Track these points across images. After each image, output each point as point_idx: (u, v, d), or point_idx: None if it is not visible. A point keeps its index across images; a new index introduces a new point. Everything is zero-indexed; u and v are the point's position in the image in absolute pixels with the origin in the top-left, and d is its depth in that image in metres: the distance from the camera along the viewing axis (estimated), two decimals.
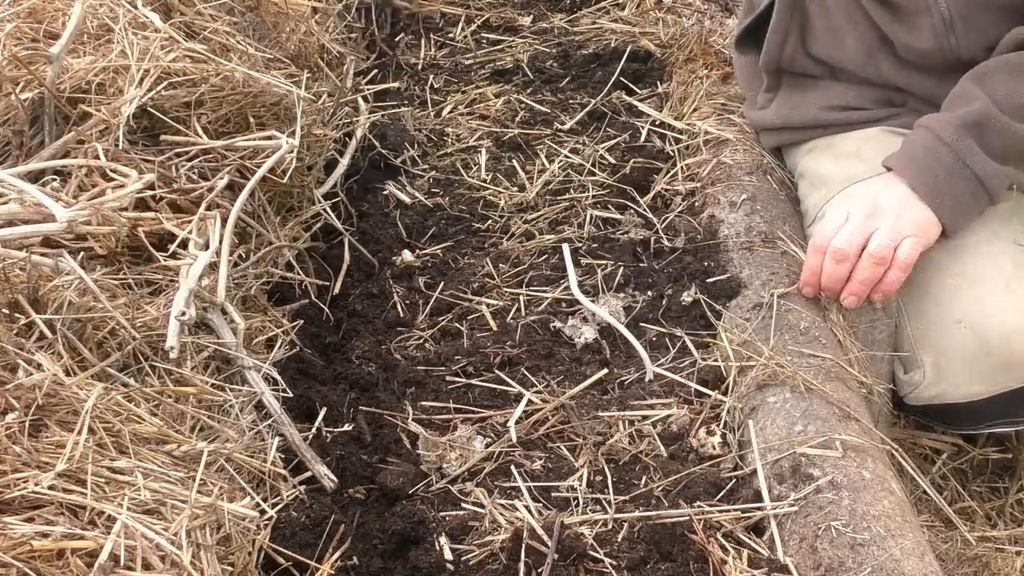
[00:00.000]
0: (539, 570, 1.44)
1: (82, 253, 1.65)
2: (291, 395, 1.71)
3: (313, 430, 1.67)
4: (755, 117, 2.27)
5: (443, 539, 1.51)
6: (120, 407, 1.45)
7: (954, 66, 1.93)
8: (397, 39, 3.13)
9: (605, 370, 1.81)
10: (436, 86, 2.85)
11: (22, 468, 1.30)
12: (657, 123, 2.47)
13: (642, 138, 2.44)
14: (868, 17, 1.98)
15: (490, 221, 2.29)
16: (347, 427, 1.71)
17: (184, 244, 1.76)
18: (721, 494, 1.57)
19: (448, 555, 1.49)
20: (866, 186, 1.86)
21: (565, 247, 2.06)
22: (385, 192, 2.38)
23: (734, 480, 1.60)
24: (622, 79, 2.69)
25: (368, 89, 2.77)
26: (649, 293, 1.99)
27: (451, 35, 3.11)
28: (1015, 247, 1.84)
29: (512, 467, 1.64)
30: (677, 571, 1.46)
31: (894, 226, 1.78)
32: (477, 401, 1.79)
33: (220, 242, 1.77)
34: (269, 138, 2.01)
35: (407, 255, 2.19)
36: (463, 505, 1.59)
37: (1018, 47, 1.84)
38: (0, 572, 1.18)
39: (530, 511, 1.54)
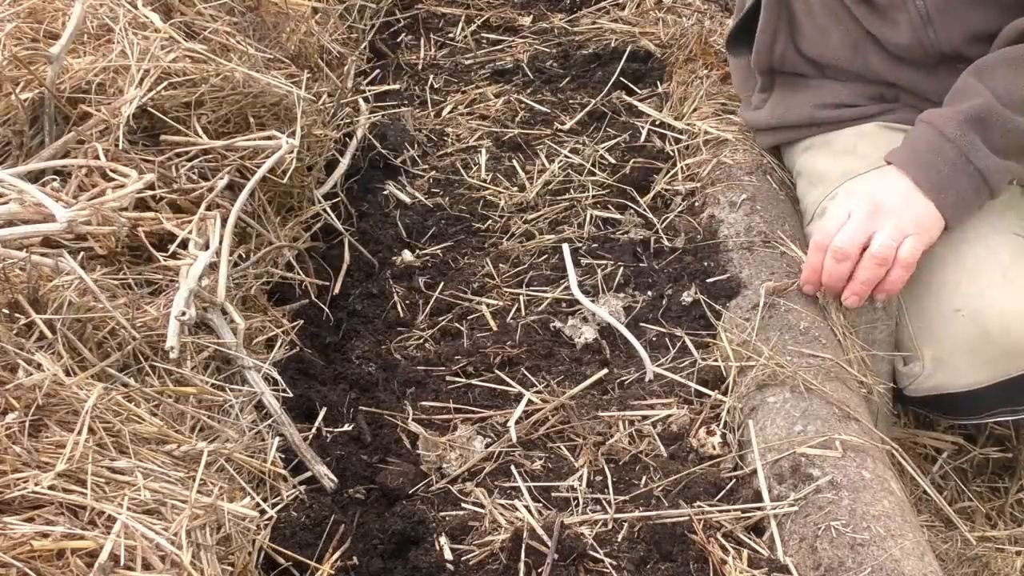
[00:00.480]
0: (539, 570, 1.44)
1: (82, 253, 1.65)
2: (291, 395, 1.71)
3: (313, 430, 1.67)
4: (750, 118, 2.27)
5: (443, 539, 1.51)
6: (120, 407, 1.45)
7: (939, 59, 1.94)
8: (397, 39, 3.14)
9: (605, 370, 1.81)
10: (436, 86, 2.85)
11: (22, 468, 1.30)
12: (657, 123, 2.47)
13: (642, 138, 2.44)
14: (851, 15, 1.99)
15: (490, 221, 2.29)
16: (347, 427, 1.71)
17: (184, 244, 1.76)
18: (721, 494, 1.57)
19: (448, 555, 1.49)
20: (867, 181, 1.86)
21: (565, 247, 2.06)
22: (385, 192, 2.38)
23: (734, 480, 1.60)
24: (622, 79, 2.69)
25: (368, 89, 2.78)
26: (649, 293, 1.99)
27: (451, 35, 3.11)
28: (1013, 238, 1.85)
29: (512, 467, 1.64)
30: (677, 571, 1.46)
31: (897, 224, 1.78)
32: (477, 401, 1.79)
33: (220, 242, 1.77)
34: (269, 138, 2.01)
35: (407, 255, 2.19)
36: (463, 505, 1.59)
37: (1019, 38, 1.84)
38: (0, 572, 1.18)
39: (530, 511, 1.54)
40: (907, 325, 1.88)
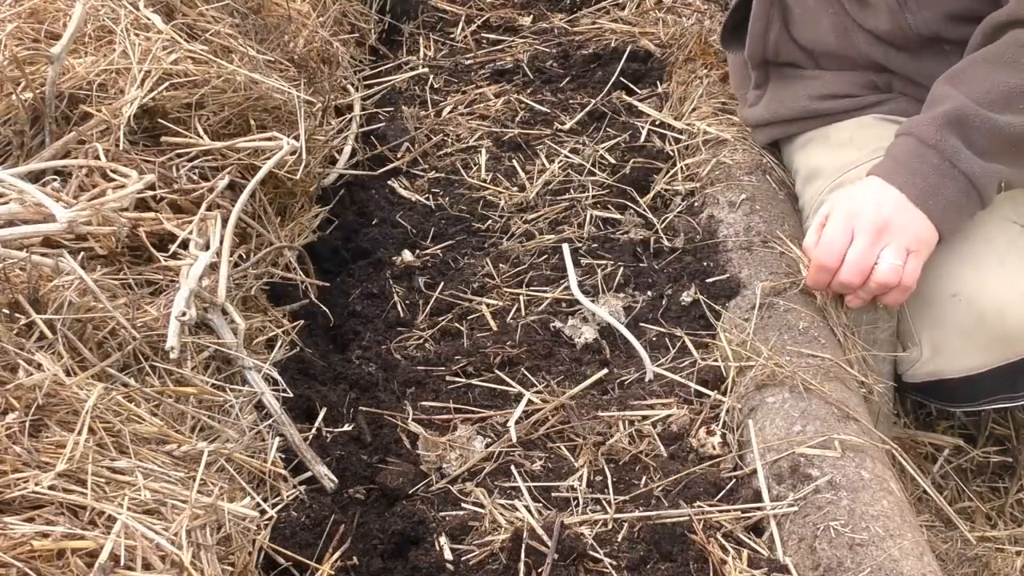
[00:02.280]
0: (539, 570, 1.44)
1: (82, 253, 1.65)
2: (291, 395, 1.71)
3: (313, 430, 1.67)
4: (747, 115, 2.28)
5: (443, 539, 1.52)
6: (120, 407, 1.45)
7: (921, 43, 1.95)
8: (398, 39, 3.14)
9: (605, 370, 1.81)
10: (436, 86, 2.85)
11: (22, 468, 1.30)
12: (657, 123, 2.47)
13: (642, 138, 2.44)
14: (838, 1, 2.02)
15: (490, 221, 2.29)
16: (347, 427, 1.72)
17: (184, 244, 1.76)
18: (721, 494, 1.57)
19: (448, 555, 1.49)
20: (862, 191, 1.81)
21: (565, 247, 2.06)
22: (385, 192, 2.38)
23: (734, 480, 1.60)
24: (622, 79, 2.70)
25: (368, 89, 2.78)
26: (649, 293, 1.99)
27: (451, 35, 3.11)
28: (1009, 224, 1.85)
29: (512, 467, 1.64)
30: (677, 571, 1.46)
31: (900, 243, 1.75)
32: (477, 401, 1.79)
33: (220, 242, 1.77)
34: (270, 139, 2.01)
35: (407, 255, 2.19)
36: (463, 505, 1.59)
37: (995, 33, 1.84)
38: (0, 572, 1.18)
39: (530, 511, 1.54)
40: (905, 311, 1.88)
